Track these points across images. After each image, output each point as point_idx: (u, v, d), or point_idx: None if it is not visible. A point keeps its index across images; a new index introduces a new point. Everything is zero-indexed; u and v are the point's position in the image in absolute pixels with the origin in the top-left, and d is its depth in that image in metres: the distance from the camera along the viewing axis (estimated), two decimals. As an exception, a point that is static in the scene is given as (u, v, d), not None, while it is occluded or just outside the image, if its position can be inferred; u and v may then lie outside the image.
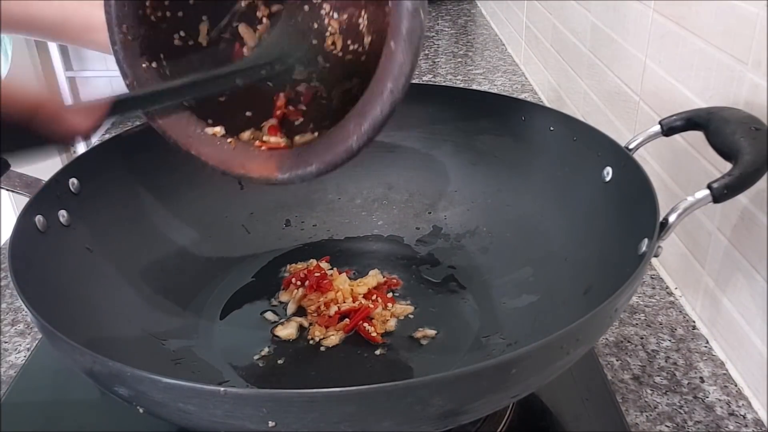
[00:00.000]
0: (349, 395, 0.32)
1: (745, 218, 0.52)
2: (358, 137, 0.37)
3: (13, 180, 0.51)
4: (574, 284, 0.52)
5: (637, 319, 0.61)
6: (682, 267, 0.63)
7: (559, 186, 0.59)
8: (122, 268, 0.55)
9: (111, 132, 1.05)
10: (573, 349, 0.38)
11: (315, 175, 0.40)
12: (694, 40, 0.58)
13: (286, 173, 0.41)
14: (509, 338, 0.53)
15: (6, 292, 0.67)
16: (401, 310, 0.57)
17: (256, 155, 0.44)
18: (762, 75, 0.48)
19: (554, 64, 1.03)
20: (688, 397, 0.52)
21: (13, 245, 0.44)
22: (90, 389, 0.53)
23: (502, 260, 0.61)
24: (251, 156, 0.44)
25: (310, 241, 0.67)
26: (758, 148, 0.44)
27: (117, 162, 0.58)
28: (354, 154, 0.38)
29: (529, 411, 0.50)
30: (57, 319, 0.39)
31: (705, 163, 0.56)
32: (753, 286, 0.51)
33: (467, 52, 1.35)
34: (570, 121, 0.59)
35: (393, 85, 0.35)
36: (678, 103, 0.61)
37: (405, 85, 0.36)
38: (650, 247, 0.42)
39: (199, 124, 0.46)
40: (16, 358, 0.59)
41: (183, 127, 0.46)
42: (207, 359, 0.52)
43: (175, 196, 0.63)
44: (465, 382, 0.34)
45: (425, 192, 0.68)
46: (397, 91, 0.36)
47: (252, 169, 0.44)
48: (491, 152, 0.64)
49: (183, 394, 0.33)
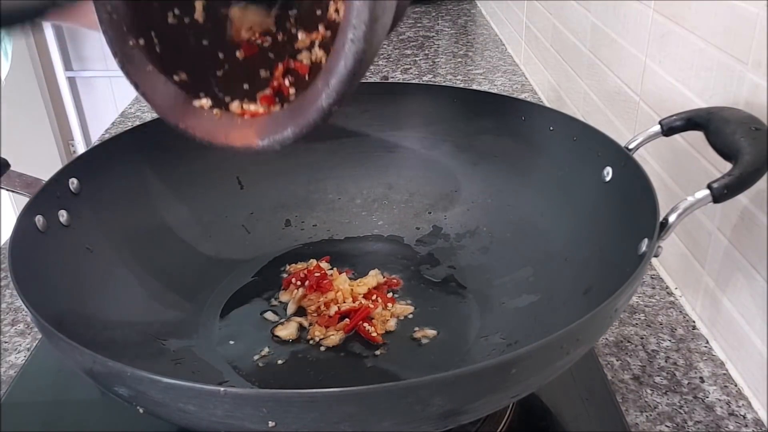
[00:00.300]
0: (349, 395, 0.32)
1: (745, 218, 0.52)
2: (327, 95, 0.36)
3: (13, 180, 0.51)
4: (574, 284, 0.52)
5: (637, 319, 0.61)
6: (682, 267, 0.63)
7: (559, 186, 0.59)
8: (122, 268, 0.55)
9: (111, 132, 1.05)
10: (573, 349, 0.38)
11: (292, 139, 0.40)
12: (694, 40, 0.58)
13: (264, 140, 0.41)
14: (509, 338, 0.53)
15: (6, 292, 0.67)
16: (401, 310, 0.57)
17: (238, 124, 0.44)
18: (762, 75, 0.48)
19: (554, 64, 1.03)
20: (688, 397, 0.52)
21: (13, 245, 0.44)
22: (90, 389, 0.53)
23: (502, 260, 0.61)
24: (234, 125, 0.44)
25: (310, 241, 0.67)
26: (758, 148, 0.44)
27: (117, 162, 0.58)
28: (325, 112, 0.37)
29: (529, 411, 0.50)
30: (57, 319, 0.39)
31: (705, 163, 0.56)
32: (753, 286, 0.51)
33: (467, 52, 1.35)
34: (570, 121, 0.59)
35: (353, 35, 0.34)
36: (678, 103, 0.61)
37: (366, 34, 0.34)
38: (650, 247, 0.42)
39: (188, 99, 0.46)
40: (16, 358, 0.59)
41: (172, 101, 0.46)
42: (207, 359, 0.52)
43: (174, 196, 0.63)
44: (465, 382, 0.34)
45: (425, 192, 0.68)
46: (357, 40, 0.34)
47: (234, 138, 0.44)
48: (491, 152, 0.65)
49: (183, 394, 0.33)
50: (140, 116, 1.10)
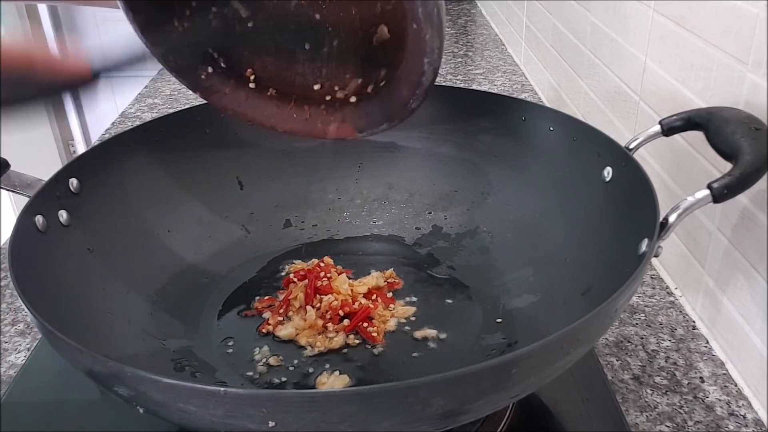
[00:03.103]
0: (349, 395, 0.32)
1: (745, 218, 0.52)
2: (415, 99, 0.45)
3: (13, 180, 0.51)
4: (574, 284, 0.52)
5: (637, 319, 0.61)
6: (682, 267, 0.63)
7: (559, 186, 0.59)
8: (122, 268, 0.55)
9: (111, 132, 1.05)
10: (573, 349, 0.38)
11: (385, 130, 0.49)
12: (694, 40, 0.58)
13: (363, 132, 0.50)
14: (509, 338, 0.53)
15: (6, 292, 0.67)
16: (401, 310, 0.57)
17: (331, 120, 0.51)
18: (762, 75, 0.48)
19: (554, 64, 1.03)
20: (688, 397, 0.52)
21: (13, 245, 0.44)
22: (90, 389, 0.53)
23: (502, 260, 0.61)
24: (327, 121, 0.52)
25: (310, 241, 0.67)
26: (758, 148, 0.44)
27: (117, 162, 0.58)
28: (413, 111, 0.47)
29: (529, 411, 0.50)
30: (57, 319, 0.39)
31: (705, 163, 0.56)
32: (753, 286, 0.51)
33: (467, 52, 1.35)
34: (570, 121, 0.59)
35: (429, 59, 0.42)
36: (678, 103, 0.61)
37: (439, 54, 0.42)
38: (650, 247, 0.42)
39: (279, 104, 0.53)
40: (16, 358, 0.59)
41: (263, 110, 0.53)
42: (207, 359, 0.52)
43: (174, 195, 0.63)
44: (465, 382, 0.34)
45: (425, 192, 0.68)
46: (434, 61, 0.42)
47: (332, 132, 0.51)
48: (491, 152, 0.65)
49: (183, 394, 0.33)
50: (140, 116, 1.10)
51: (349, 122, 0.51)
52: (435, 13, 0.40)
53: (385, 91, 0.48)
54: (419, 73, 0.43)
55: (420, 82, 0.44)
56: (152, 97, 1.18)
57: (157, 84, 1.24)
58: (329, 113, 0.52)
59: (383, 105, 0.49)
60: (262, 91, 0.52)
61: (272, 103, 0.53)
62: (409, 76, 0.45)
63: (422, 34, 0.41)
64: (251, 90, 0.52)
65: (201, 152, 0.65)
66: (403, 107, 0.47)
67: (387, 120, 0.49)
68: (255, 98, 0.53)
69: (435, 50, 0.42)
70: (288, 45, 0.50)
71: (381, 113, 0.49)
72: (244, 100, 0.52)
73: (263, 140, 0.66)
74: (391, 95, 0.48)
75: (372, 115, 0.50)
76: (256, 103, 0.53)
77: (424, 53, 0.42)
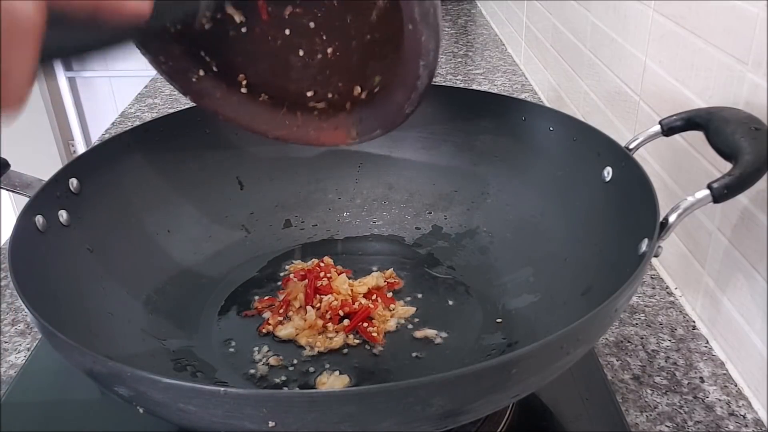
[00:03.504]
0: (349, 395, 0.32)
1: (745, 218, 0.52)
2: (410, 104, 0.45)
3: (13, 180, 0.51)
4: (574, 284, 0.52)
5: (637, 319, 0.61)
6: (682, 267, 0.63)
7: (559, 186, 0.59)
8: (122, 268, 0.55)
9: (111, 132, 1.05)
10: (573, 349, 0.38)
11: (380, 136, 0.49)
12: (694, 40, 0.58)
13: (357, 138, 0.50)
14: (509, 338, 0.53)
15: (6, 292, 0.67)
16: (401, 310, 0.57)
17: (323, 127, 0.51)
18: (762, 75, 0.48)
19: (554, 64, 1.03)
20: (688, 397, 0.52)
21: (13, 245, 0.44)
22: (90, 389, 0.53)
23: (502, 260, 0.61)
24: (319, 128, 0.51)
25: (310, 241, 0.67)
26: (758, 148, 0.44)
27: (117, 162, 0.58)
28: (408, 116, 0.46)
29: (529, 411, 0.50)
30: (57, 319, 0.39)
31: (705, 163, 0.56)
32: (753, 286, 0.51)
33: (467, 52, 1.35)
34: (570, 121, 0.59)
35: (425, 61, 0.41)
36: (678, 103, 0.61)
37: (435, 57, 0.41)
38: (650, 247, 0.42)
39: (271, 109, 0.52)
40: (16, 358, 0.59)
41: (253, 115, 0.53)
42: (207, 359, 0.52)
43: (174, 195, 0.63)
44: (465, 382, 0.34)
45: (425, 192, 0.68)
46: (430, 65, 0.42)
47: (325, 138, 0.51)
48: (491, 152, 0.64)
49: (183, 394, 0.33)
50: (140, 116, 1.10)
51: (342, 129, 0.50)
52: (431, 13, 0.39)
53: (380, 97, 0.48)
54: (414, 76, 0.43)
55: (415, 86, 0.43)
56: (152, 97, 1.18)
57: (157, 84, 1.24)
58: (322, 120, 0.51)
59: (378, 111, 0.48)
60: (255, 97, 0.52)
61: (264, 108, 0.52)
62: (404, 79, 0.44)
63: (418, 36, 0.40)
64: (243, 95, 0.52)
65: (201, 152, 0.65)
66: (397, 113, 0.46)
67: (381, 126, 0.48)
68: (247, 103, 0.52)
69: (431, 52, 0.41)
70: (282, 51, 0.49)
71: (375, 119, 0.48)
72: (236, 105, 0.52)
73: (263, 140, 0.66)
74: (385, 101, 0.47)
75: (366, 121, 0.49)
76: (248, 108, 0.52)
77: (420, 55, 0.41)
